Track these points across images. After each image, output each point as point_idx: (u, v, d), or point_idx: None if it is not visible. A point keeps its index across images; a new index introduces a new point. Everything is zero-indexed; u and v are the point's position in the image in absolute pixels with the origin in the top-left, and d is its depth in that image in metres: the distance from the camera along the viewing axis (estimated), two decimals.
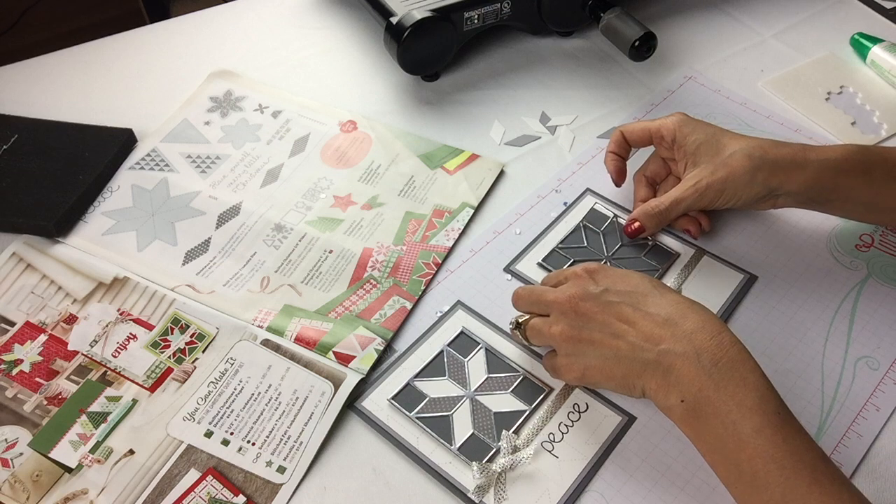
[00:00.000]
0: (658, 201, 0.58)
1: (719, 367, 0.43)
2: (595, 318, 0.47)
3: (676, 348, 0.44)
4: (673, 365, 0.44)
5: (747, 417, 0.41)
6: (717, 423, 0.42)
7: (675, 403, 0.44)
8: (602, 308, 0.47)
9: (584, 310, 0.47)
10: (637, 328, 0.46)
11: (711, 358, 0.43)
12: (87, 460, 0.49)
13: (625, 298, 0.47)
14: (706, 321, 0.45)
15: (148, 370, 0.53)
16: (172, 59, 0.78)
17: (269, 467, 0.48)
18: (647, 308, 0.46)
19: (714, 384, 0.42)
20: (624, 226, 0.60)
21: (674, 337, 0.44)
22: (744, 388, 0.42)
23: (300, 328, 0.55)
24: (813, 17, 0.84)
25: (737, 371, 0.43)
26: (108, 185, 0.65)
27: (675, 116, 0.60)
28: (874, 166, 0.56)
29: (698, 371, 0.43)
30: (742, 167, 0.55)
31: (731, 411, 0.42)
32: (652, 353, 0.44)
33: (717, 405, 0.42)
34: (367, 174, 0.66)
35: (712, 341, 0.44)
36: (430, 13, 0.69)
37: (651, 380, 0.45)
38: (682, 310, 0.46)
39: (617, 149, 0.62)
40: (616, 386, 0.47)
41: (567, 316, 0.48)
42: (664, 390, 0.44)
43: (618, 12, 0.72)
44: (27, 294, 0.57)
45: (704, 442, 0.43)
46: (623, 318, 0.46)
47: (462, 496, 0.47)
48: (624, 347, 0.46)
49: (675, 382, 0.44)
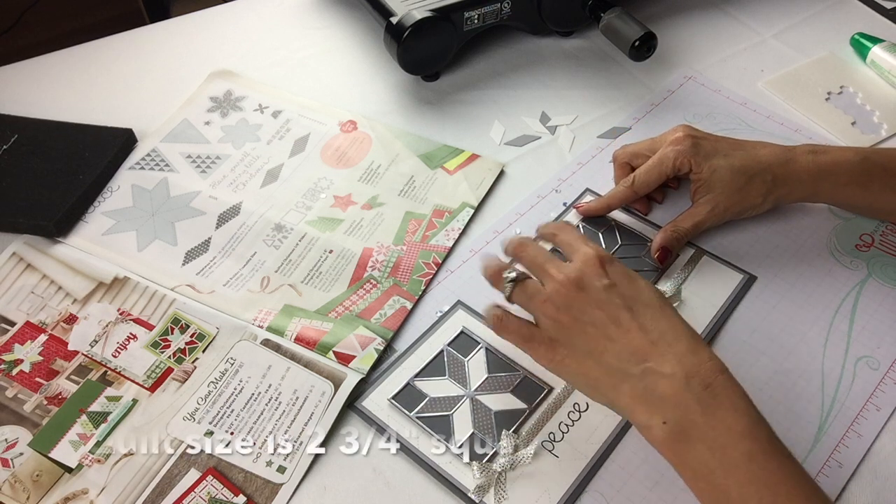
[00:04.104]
0: (682, 228, 0.59)
1: (709, 391, 0.42)
2: (591, 312, 0.45)
3: (664, 368, 0.42)
4: (657, 384, 0.42)
5: (737, 443, 0.40)
6: (703, 448, 0.41)
7: (655, 424, 0.42)
8: (600, 304, 0.45)
9: (583, 300, 0.45)
10: (628, 338, 0.44)
11: (701, 382, 0.42)
12: (87, 460, 0.49)
13: (627, 302, 0.45)
14: (698, 347, 0.44)
15: (148, 370, 0.53)
16: (172, 59, 0.78)
17: (269, 467, 0.48)
18: (643, 320, 0.44)
19: (702, 408, 0.41)
20: (652, 252, 0.59)
21: (662, 356, 0.43)
22: (734, 413, 0.41)
23: (300, 328, 0.55)
24: (813, 17, 0.84)
25: (727, 397, 0.42)
26: (108, 185, 0.65)
27: (684, 146, 0.58)
28: (874, 177, 0.57)
29: (686, 394, 0.42)
30: (757, 192, 0.58)
31: (720, 436, 0.41)
32: (636, 369, 0.43)
33: (704, 430, 0.41)
34: (367, 174, 0.66)
35: (702, 366, 0.42)
36: (430, 13, 0.69)
37: (627, 395, 0.43)
38: (677, 332, 0.44)
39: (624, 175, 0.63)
40: (585, 385, 0.46)
41: (562, 298, 0.46)
42: (644, 409, 0.42)
43: (618, 12, 0.72)
44: (27, 294, 0.57)
45: (688, 467, 0.42)
46: (618, 322, 0.44)
47: (462, 496, 0.47)
48: (610, 352, 0.44)
49: (658, 403, 0.42)
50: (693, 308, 0.56)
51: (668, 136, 0.60)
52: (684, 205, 0.61)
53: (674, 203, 0.64)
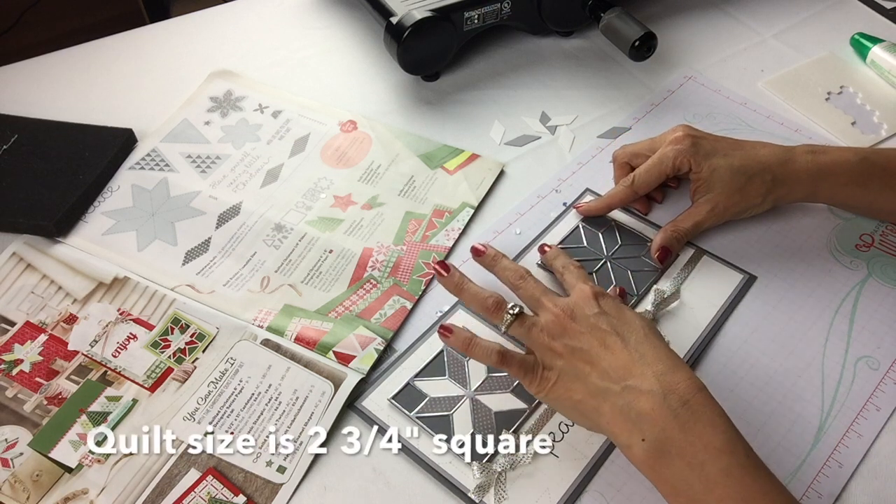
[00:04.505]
0: (682, 228, 0.59)
1: (686, 407, 0.42)
2: (581, 338, 0.46)
3: (642, 385, 0.43)
4: (636, 401, 0.43)
5: (716, 459, 0.41)
6: (682, 464, 0.41)
7: (635, 442, 0.42)
8: (590, 330, 0.47)
9: (574, 328, 0.47)
10: (612, 358, 0.45)
11: (679, 399, 0.42)
12: (87, 460, 0.49)
13: (614, 327, 0.47)
14: (677, 367, 0.44)
15: (148, 370, 0.53)
16: (172, 59, 0.78)
17: (270, 467, 0.48)
18: (628, 343, 0.46)
19: (680, 425, 0.42)
20: (652, 252, 0.59)
21: (642, 375, 0.44)
22: (712, 429, 0.42)
23: (300, 328, 0.55)
24: (813, 17, 0.84)
25: (704, 414, 0.42)
26: (108, 185, 0.65)
27: (683, 145, 0.59)
28: (873, 177, 0.57)
29: (663, 410, 0.42)
30: (756, 192, 0.58)
31: (699, 452, 0.41)
32: (617, 386, 0.44)
33: (682, 446, 0.41)
34: (367, 174, 0.66)
35: (680, 384, 0.43)
36: (430, 13, 0.69)
37: (608, 414, 0.44)
38: (658, 354, 0.45)
39: (624, 174, 0.62)
40: (570, 408, 0.46)
41: (556, 327, 0.47)
42: (624, 427, 0.43)
43: (618, 12, 0.72)
44: (27, 294, 0.57)
45: (668, 484, 0.42)
46: (605, 345, 0.46)
47: (462, 496, 0.47)
48: (595, 373, 0.45)
49: (637, 419, 0.43)
50: (693, 308, 0.56)
51: (667, 136, 0.60)
52: (684, 205, 0.61)
53: (674, 203, 0.64)
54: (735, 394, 0.52)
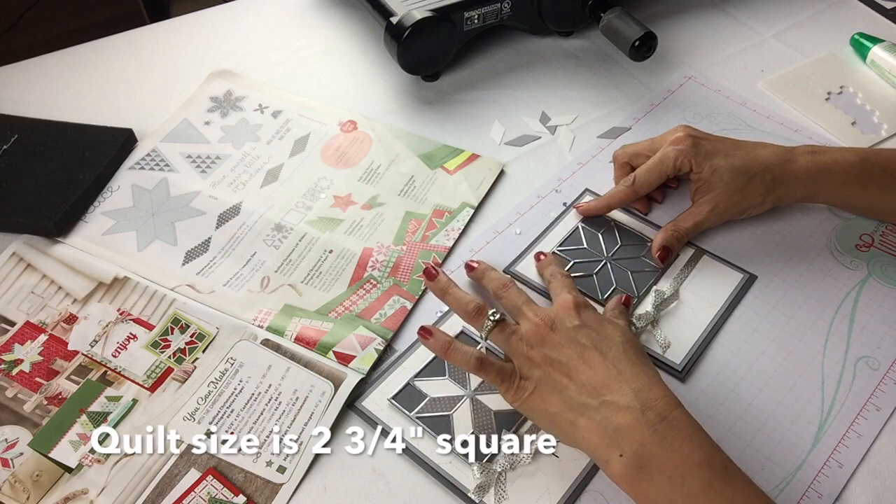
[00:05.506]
0: (682, 227, 0.59)
1: (665, 423, 0.42)
2: (560, 350, 0.46)
3: (620, 401, 0.43)
4: (613, 416, 0.43)
5: (696, 472, 0.41)
6: (662, 478, 0.41)
7: (613, 457, 0.42)
8: (569, 342, 0.47)
9: (553, 339, 0.47)
10: (590, 373, 0.45)
11: (657, 414, 0.42)
12: (87, 460, 0.49)
13: (594, 342, 0.47)
14: (655, 384, 0.44)
15: (148, 370, 0.53)
16: (172, 59, 0.78)
17: (270, 467, 0.48)
18: (608, 358, 0.46)
19: (659, 439, 0.42)
20: (653, 251, 0.59)
21: (620, 391, 0.44)
22: (690, 443, 0.42)
23: (300, 328, 0.55)
24: (813, 17, 0.84)
25: (682, 429, 0.42)
26: (108, 185, 0.65)
27: (684, 145, 0.59)
28: (873, 177, 0.57)
29: (642, 425, 0.42)
30: (757, 192, 0.58)
31: (679, 466, 0.41)
32: (594, 401, 0.44)
33: (662, 461, 0.41)
34: (367, 174, 0.66)
35: (657, 402, 0.43)
36: (430, 13, 0.69)
37: (584, 428, 0.44)
38: (636, 370, 0.45)
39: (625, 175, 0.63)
40: (547, 421, 0.46)
41: (536, 336, 0.47)
42: (601, 442, 0.43)
43: (618, 12, 0.72)
44: (27, 294, 0.57)
45: (648, 499, 0.42)
46: (583, 359, 0.46)
47: (462, 496, 0.47)
48: (572, 387, 0.45)
49: (614, 434, 0.43)
50: (693, 308, 0.56)
51: (668, 136, 0.60)
52: (684, 205, 0.61)
53: (674, 203, 0.64)
54: (735, 394, 0.52)
